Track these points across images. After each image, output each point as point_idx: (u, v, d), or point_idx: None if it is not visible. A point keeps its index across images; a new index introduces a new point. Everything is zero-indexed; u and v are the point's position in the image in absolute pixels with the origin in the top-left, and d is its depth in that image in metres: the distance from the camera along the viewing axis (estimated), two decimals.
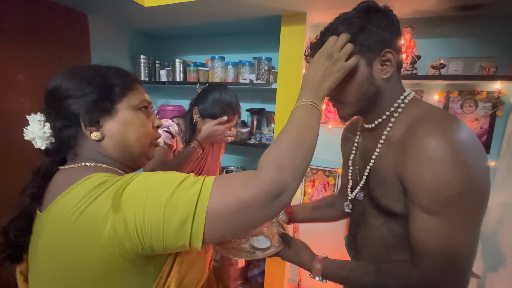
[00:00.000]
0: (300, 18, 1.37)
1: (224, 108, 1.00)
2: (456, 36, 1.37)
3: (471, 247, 0.49)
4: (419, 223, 0.51)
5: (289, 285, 1.89)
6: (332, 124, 1.65)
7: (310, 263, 0.64)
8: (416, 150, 0.50)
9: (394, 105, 0.60)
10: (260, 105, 1.84)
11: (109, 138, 0.49)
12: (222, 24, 1.64)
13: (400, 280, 0.53)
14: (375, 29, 0.55)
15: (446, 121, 0.51)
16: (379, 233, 0.62)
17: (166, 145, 0.97)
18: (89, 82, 0.48)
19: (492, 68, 1.22)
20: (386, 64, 0.57)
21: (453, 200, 0.47)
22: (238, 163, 2.01)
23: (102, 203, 0.39)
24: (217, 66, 1.67)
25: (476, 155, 0.47)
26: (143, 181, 0.41)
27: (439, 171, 0.47)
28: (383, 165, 0.59)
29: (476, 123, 1.39)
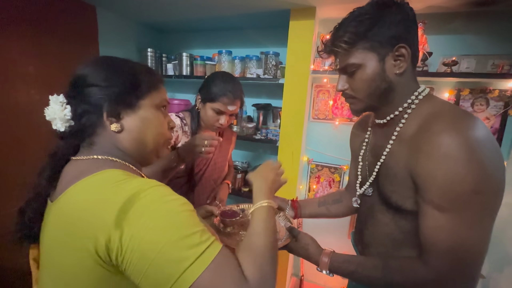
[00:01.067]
0: (309, 13, 1.35)
1: (223, 91, 0.96)
2: (469, 33, 1.33)
3: (482, 246, 0.48)
4: (429, 220, 0.51)
5: (292, 280, 1.91)
6: (339, 120, 1.64)
7: (317, 257, 0.65)
8: (429, 146, 0.50)
9: (407, 101, 0.59)
10: (267, 100, 1.84)
11: (127, 132, 0.50)
12: (229, 18, 1.62)
13: (407, 276, 0.54)
14: (388, 24, 0.54)
15: (461, 118, 0.50)
16: (386, 230, 0.62)
17: None
18: (119, 74, 0.50)
19: (505, 66, 1.19)
20: (400, 59, 0.56)
21: (465, 197, 0.46)
22: (244, 158, 2.02)
23: (107, 210, 0.38)
24: (224, 60, 1.66)
25: (491, 153, 0.47)
26: (155, 208, 0.39)
27: (453, 168, 0.46)
28: (394, 161, 0.59)
29: (487, 122, 1.36)
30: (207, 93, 0.99)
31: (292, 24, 1.39)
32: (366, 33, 0.55)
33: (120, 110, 0.49)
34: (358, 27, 0.56)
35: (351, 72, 0.60)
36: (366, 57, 0.57)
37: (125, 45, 1.80)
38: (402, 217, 0.58)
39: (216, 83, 0.98)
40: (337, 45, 0.59)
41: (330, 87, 1.63)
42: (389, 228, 0.62)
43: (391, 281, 0.55)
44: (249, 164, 1.96)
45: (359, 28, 0.56)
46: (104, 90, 0.48)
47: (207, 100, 0.99)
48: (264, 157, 1.98)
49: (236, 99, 0.99)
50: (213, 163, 1.12)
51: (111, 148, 0.50)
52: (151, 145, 0.54)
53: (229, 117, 1.03)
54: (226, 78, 1.01)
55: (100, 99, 0.48)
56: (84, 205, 0.40)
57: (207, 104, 0.99)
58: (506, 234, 1.28)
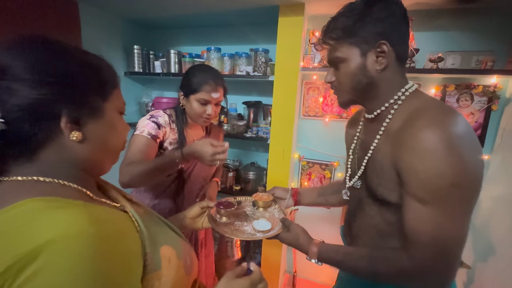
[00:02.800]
0: (298, 9, 1.34)
1: (204, 79, 0.95)
2: (454, 30, 1.36)
3: (461, 236, 0.50)
4: (412, 212, 0.53)
5: (285, 277, 1.92)
6: (329, 117, 1.64)
7: (307, 246, 0.67)
8: (412, 141, 0.51)
9: (394, 97, 0.60)
10: (257, 98, 1.83)
11: (89, 141, 0.41)
12: (218, 14, 1.60)
13: (391, 266, 0.56)
14: (372, 21, 0.56)
15: (444, 114, 0.52)
16: (373, 221, 0.65)
17: (150, 135, 0.92)
18: (80, 67, 0.40)
19: (489, 62, 1.22)
20: (381, 55, 0.57)
21: (445, 190, 0.48)
22: (235, 157, 2.01)
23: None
24: (213, 57, 1.63)
25: (470, 148, 0.49)
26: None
27: (433, 162, 0.48)
28: (380, 155, 0.61)
29: (471, 117, 1.40)
30: (188, 86, 0.98)
31: (281, 21, 1.38)
32: (351, 28, 0.57)
33: (82, 115, 0.40)
34: (345, 22, 0.58)
35: (337, 65, 0.63)
36: (350, 52, 0.59)
37: (109, 42, 1.75)
38: (387, 209, 0.60)
39: (195, 74, 0.98)
40: (326, 38, 0.62)
41: (320, 84, 1.63)
42: (375, 220, 0.64)
43: (376, 270, 0.57)
44: (241, 162, 1.95)
45: (345, 23, 0.58)
46: (62, 88, 0.38)
47: (190, 93, 0.97)
48: (256, 155, 1.97)
49: (218, 85, 0.98)
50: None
51: (61, 165, 0.40)
52: (112, 156, 0.47)
53: (216, 107, 1.02)
54: (204, 68, 1.01)
55: (55, 99, 0.37)
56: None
57: (191, 97, 0.98)
58: (490, 226, 1.32)
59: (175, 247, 0.48)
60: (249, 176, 1.75)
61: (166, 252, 0.45)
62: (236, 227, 0.78)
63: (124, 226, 0.41)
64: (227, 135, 1.68)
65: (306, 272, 1.89)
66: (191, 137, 1.08)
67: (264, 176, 1.75)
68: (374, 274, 0.58)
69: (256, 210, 0.88)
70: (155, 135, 0.94)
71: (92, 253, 0.31)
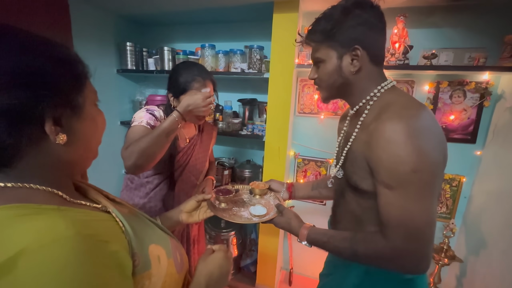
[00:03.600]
0: (292, 5, 1.33)
1: (192, 76, 0.94)
2: (447, 27, 1.37)
3: (428, 217, 0.55)
4: (382, 198, 0.58)
5: (281, 273, 1.93)
6: (324, 114, 1.64)
7: (298, 229, 0.73)
8: (377, 133, 0.57)
9: (370, 94, 0.66)
10: (252, 95, 1.82)
11: (72, 141, 0.39)
12: (212, 11, 1.58)
13: (369, 246, 0.61)
14: (348, 27, 0.62)
15: (407, 108, 0.58)
16: (350, 208, 0.71)
17: (148, 125, 0.92)
18: (56, 65, 0.36)
19: (481, 58, 1.23)
20: (355, 58, 0.63)
21: (407, 176, 0.54)
22: (230, 155, 2.00)
23: None
24: (207, 54, 1.62)
25: (429, 137, 0.55)
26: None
27: (394, 151, 0.54)
28: (356, 146, 0.67)
29: (464, 114, 1.41)
30: (176, 87, 0.96)
31: (276, 17, 1.37)
32: (329, 33, 0.63)
33: (64, 115, 0.37)
34: (324, 26, 0.64)
35: (318, 64, 0.69)
36: (328, 54, 0.66)
37: (101, 39, 1.71)
38: (361, 196, 0.66)
39: (181, 73, 0.96)
40: (308, 39, 0.69)
41: None
42: (352, 206, 0.70)
43: (356, 251, 0.62)
44: (236, 160, 1.95)
45: (325, 27, 0.64)
46: (40, 89, 0.34)
47: (180, 94, 0.96)
48: (251, 153, 1.97)
49: (206, 80, 0.97)
50: (194, 159, 1.09)
51: (40, 169, 0.37)
52: (95, 150, 0.45)
53: None
54: (188, 65, 1.00)
55: (36, 102, 0.33)
56: None
57: (181, 98, 0.96)
58: (481, 220, 1.35)
59: (163, 245, 0.48)
60: (245, 174, 1.75)
61: (154, 251, 0.45)
62: (234, 212, 0.82)
63: (106, 228, 0.39)
64: (222, 133, 1.67)
65: (302, 269, 1.90)
66: (183, 135, 1.06)
67: (259, 173, 1.75)
68: (354, 255, 0.63)
69: (252, 197, 0.93)
70: (153, 125, 0.93)
71: (72, 258, 0.29)
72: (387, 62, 1.34)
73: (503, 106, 1.30)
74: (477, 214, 1.40)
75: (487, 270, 1.25)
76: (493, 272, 1.20)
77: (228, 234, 1.79)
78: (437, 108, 1.45)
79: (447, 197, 1.52)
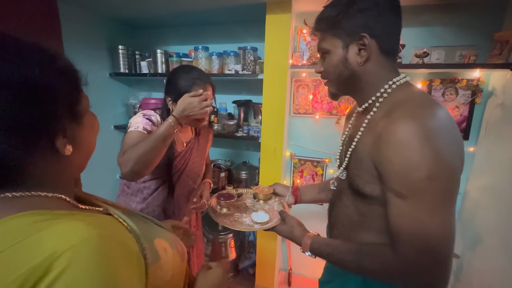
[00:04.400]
0: (285, 6, 1.33)
1: (192, 81, 0.94)
2: (438, 25, 1.39)
3: (446, 230, 0.48)
4: (393, 207, 0.51)
5: (280, 275, 1.93)
6: (319, 114, 1.65)
7: (301, 238, 0.68)
8: (387, 134, 0.50)
9: (380, 90, 0.59)
10: (247, 97, 1.81)
11: (76, 149, 0.40)
12: (205, 12, 1.57)
13: (376, 260, 0.54)
14: (355, 12, 0.55)
15: (422, 106, 0.51)
16: (347, 211, 0.66)
17: (145, 130, 0.90)
18: (58, 77, 0.37)
19: (472, 56, 1.25)
20: (363, 48, 0.56)
21: (421, 183, 0.47)
22: (226, 157, 1.99)
23: None
24: (201, 56, 1.61)
25: (446, 140, 0.48)
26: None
27: (407, 155, 0.47)
28: (361, 147, 0.60)
29: (457, 111, 1.43)
30: (176, 91, 0.95)
31: (269, 18, 1.37)
32: (334, 19, 0.57)
33: (69, 126, 0.38)
34: (329, 13, 0.58)
35: (323, 56, 0.63)
36: (333, 43, 0.59)
37: (92, 42, 1.68)
38: (361, 200, 0.60)
39: (181, 77, 0.95)
40: (313, 29, 0.63)
41: (309, 82, 1.64)
42: (349, 210, 0.65)
43: (362, 265, 0.56)
44: (232, 162, 1.94)
45: (330, 14, 0.57)
46: (49, 104, 0.34)
47: (179, 97, 0.93)
48: (247, 154, 1.96)
49: (206, 83, 0.97)
50: (191, 163, 1.08)
51: (48, 178, 0.38)
52: (91, 154, 0.46)
53: None
54: (187, 69, 0.99)
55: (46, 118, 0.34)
56: None
57: None
58: (477, 216, 1.36)
59: (165, 238, 0.50)
60: (241, 176, 1.74)
61: (160, 243, 0.46)
62: (235, 218, 0.79)
63: (116, 228, 0.40)
64: (218, 135, 1.66)
65: (301, 269, 1.90)
66: (180, 138, 1.05)
67: (256, 175, 1.74)
68: (360, 268, 0.57)
69: (256, 203, 0.90)
70: (150, 130, 0.92)
71: (102, 257, 0.30)
72: None
73: (494, 102, 1.32)
74: (472, 210, 1.41)
75: (484, 265, 1.26)
76: (489, 267, 1.22)
77: (226, 236, 1.78)
78: None
79: None
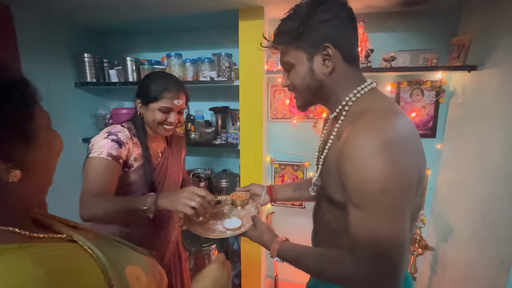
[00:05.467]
0: (258, 12, 1.33)
1: (165, 86, 0.90)
2: (402, 30, 1.47)
3: (399, 239, 0.49)
4: (351, 217, 0.53)
5: (266, 282, 1.90)
6: (297, 119, 1.66)
7: (269, 244, 0.69)
8: (346, 146, 0.52)
9: (345, 98, 0.60)
10: (224, 103, 1.79)
11: (27, 174, 0.35)
12: (177, 19, 1.53)
13: (336, 268, 0.55)
14: (316, 23, 0.55)
15: (382, 117, 0.52)
16: (325, 218, 0.67)
17: (110, 156, 0.81)
18: (3, 94, 0.33)
19: (434, 59, 1.34)
20: (327, 58, 0.57)
21: (373, 195, 0.48)
22: (205, 165, 1.94)
23: None
24: (174, 63, 1.56)
25: (403, 152, 0.48)
26: None
27: (360, 168, 0.49)
28: (330, 156, 0.62)
29: (424, 111, 1.52)
30: (147, 94, 0.90)
31: (242, 24, 1.37)
32: (296, 32, 0.57)
33: (15, 150, 0.34)
34: (290, 26, 0.57)
35: (288, 69, 0.63)
36: (297, 56, 0.59)
37: (54, 51, 1.57)
38: (335, 207, 0.61)
39: (154, 81, 0.91)
40: (274, 43, 0.62)
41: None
42: (327, 217, 0.66)
43: (323, 270, 0.58)
44: (212, 170, 1.89)
45: (291, 27, 0.57)
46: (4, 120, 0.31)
47: (150, 101, 0.91)
48: (227, 161, 1.92)
49: (179, 91, 0.93)
50: (169, 173, 1.03)
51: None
52: (51, 177, 0.41)
53: (178, 115, 0.96)
54: (163, 75, 0.96)
55: None
56: None
57: (151, 106, 0.91)
58: (446, 209, 1.44)
59: (140, 264, 0.46)
60: (222, 184, 1.70)
61: (132, 271, 0.43)
62: (209, 226, 0.80)
63: (76, 259, 0.36)
64: (196, 143, 1.62)
65: (287, 275, 1.88)
66: (154, 150, 1.00)
67: (237, 182, 1.71)
68: (322, 274, 0.59)
69: (234, 209, 0.91)
70: (116, 155, 0.83)
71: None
72: None
73: (455, 102, 1.41)
74: (442, 204, 1.50)
75: (456, 256, 1.33)
76: (461, 257, 1.29)
77: (209, 248, 1.72)
78: (400, 106, 1.54)
79: None
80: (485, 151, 1.16)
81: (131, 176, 0.91)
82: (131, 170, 0.91)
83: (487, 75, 1.18)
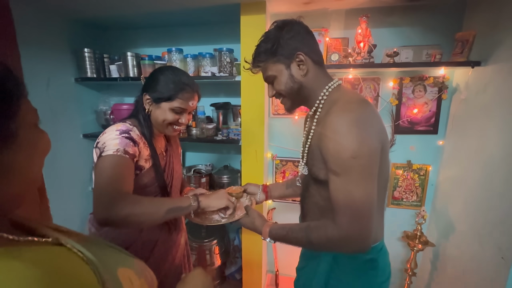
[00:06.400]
0: (259, 7, 1.32)
1: (181, 86, 0.85)
2: (405, 26, 1.45)
3: (369, 199, 0.62)
4: (331, 184, 0.65)
5: (267, 277, 1.92)
6: (298, 114, 1.66)
7: (261, 228, 0.79)
8: (326, 125, 0.65)
9: (321, 93, 0.74)
10: (225, 99, 1.78)
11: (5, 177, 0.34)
12: (178, 13, 1.51)
13: (320, 233, 0.66)
14: (286, 40, 0.70)
15: (350, 102, 0.67)
16: (314, 200, 0.77)
17: (127, 154, 0.75)
18: None
19: (437, 55, 1.32)
20: (301, 63, 0.71)
21: (348, 162, 0.61)
22: (207, 161, 1.94)
23: None
24: (175, 59, 1.55)
25: (367, 127, 0.63)
26: None
27: (338, 140, 0.62)
28: (313, 141, 0.74)
29: (426, 107, 1.51)
30: (161, 91, 0.85)
31: (243, 19, 1.35)
32: (271, 50, 0.71)
33: None
34: (265, 47, 0.72)
35: (272, 82, 0.76)
36: (277, 69, 0.72)
37: (54, 46, 1.55)
38: (321, 186, 0.72)
39: (170, 78, 0.85)
40: (255, 63, 0.76)
41: None
42: (316, 198, 0.76)
43: (310, 239, 0.68)
44: (213, 166, 1.89)
45: (266, 48, 0.71)
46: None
47: (163, 100, 0.85)
48: (228, 157, 1.92)
49: (195, 92, 0.89)
50: (175, 171, 1.00)
51: None
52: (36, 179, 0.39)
53: (189, 115, 0.92)
54: (178, 72, 0.89)
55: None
56: None
57: (162, 105, 0.85)
58: (448, 205, 1.44)
59: (131, 267, 0.45)
60: (223, 180, 1.70)
61: (124, 273, 0.41)
62: (207, 215, 0.90)
63: (67, 261, 0.34)
64: (197, 139, 1.61)
65: (287, 269, 1.90)
66: (159, 149, 0.95)
67: (238, 178, 1.71)
68: (309, 243, 0.69)
69: None
70: (132, 153, 0.77)
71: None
72: (354, 61, 1.38)
73: (458, 98, 1.40)
74: (444, 200, 1.50)
75: (457, 252, 1.34)
76: (462, 254, 1.29)
77: (210, 243, 1.73)
78: (402, 102, 1.54)
79: (416, 185, 1.61)
80: (487, 148, 1.15)
81: (143, 179, 0.86)
82: (142, 172, 0.86)
83: (490, 71, 1.17)
